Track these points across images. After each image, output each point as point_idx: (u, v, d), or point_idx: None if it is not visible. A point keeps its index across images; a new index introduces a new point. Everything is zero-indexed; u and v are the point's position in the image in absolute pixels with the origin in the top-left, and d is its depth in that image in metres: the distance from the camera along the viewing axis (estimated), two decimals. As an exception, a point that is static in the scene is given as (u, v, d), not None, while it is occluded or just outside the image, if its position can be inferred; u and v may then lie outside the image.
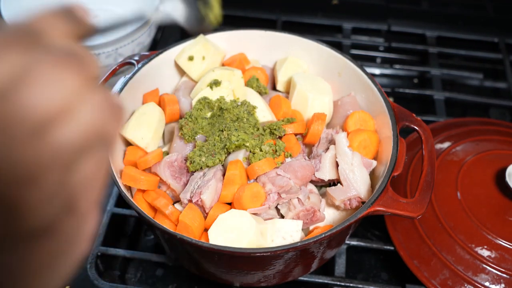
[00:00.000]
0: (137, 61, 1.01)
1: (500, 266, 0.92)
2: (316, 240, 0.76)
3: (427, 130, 0.94)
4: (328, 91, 1.03)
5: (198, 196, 0.85)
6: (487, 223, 0.96)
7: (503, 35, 1.53)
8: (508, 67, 1.45)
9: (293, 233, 0.84)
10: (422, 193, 0.84)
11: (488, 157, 1.06)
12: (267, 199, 0.86)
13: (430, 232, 0.97)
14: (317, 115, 0.98)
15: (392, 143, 0.89)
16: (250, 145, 0.90)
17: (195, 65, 1.05)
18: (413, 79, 1.52)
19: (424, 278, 0.94)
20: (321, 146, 0.98)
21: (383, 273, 1.07)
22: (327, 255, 0.93)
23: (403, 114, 0.96)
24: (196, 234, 0.84)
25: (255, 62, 1.14)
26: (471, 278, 0.92)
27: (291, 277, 0.94)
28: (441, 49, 1.49)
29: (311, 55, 1.10)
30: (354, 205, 0.89)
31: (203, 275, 0.95)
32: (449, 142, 1.12)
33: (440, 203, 1.00)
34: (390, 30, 1.56)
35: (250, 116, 0.95)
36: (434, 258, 0.95)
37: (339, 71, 1.06)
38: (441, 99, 1.34)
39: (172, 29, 1.56)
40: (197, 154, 0.90)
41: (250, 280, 0.90)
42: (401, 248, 0.99)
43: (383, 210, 0.81)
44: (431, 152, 0.90)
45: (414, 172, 1.07)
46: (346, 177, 0.89)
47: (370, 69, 1.50)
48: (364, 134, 0.96)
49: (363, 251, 1.10)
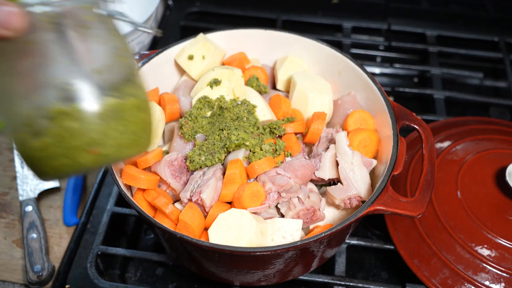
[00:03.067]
0: (137, 60, 1.01)
1: (500, 265, 0.92)
2: (316, 239, 0.76)
3: (427, 129, 0.94)
4: (328, 90, 1.03)
5: (198, 195, 0.85)
6: (487, 222, 0.96)
7: (503, 34, 1.53)
8: (508, 66, 1.44)
9: (293, 232, 0.84)
10: (422, 192, 0.84)
11: (488, 156, 1.06)
12: (267, 198, 0.86)
13: (430, 231, 0.97)
14: (317, 114, 0.98)
15: (392, 142, 0.89)
16: (250, 144, 0.90)
17: (195, 64, 1.05)
18: (413, 78, 1.52)
19: (424, 277, 0.94)
20: (321, 145, 0.98)
21: (383, 272, 1.07)
22: (327, 254, 0.93)
23: (403, 113, 0.96)
24: (196, 233, 0.84)
25: (255, 61, 1.14)
26: (471, 277, 0.92)
27: (291, 276, 0.94)
28: (441, 48, 1.49)
29: (311, 54, 1.10)
30: (354, 204, 0.89)
31: (203, 274, 0.95)
32: (449, 141, 1.12)
33: (440, 202, 1.00)
34: (390, 29, 1.56)
35: (250, 115, 0.95)
36: (434, 257, 0.95)
37: (339, 70, 1.06)
38: (441, 98, 1.34)
39: (172, 28, 1.56)
40: (197, 153, 0.90)
41: (250, 279, 0.90)
42: (401, 247, 0.99)
43: (383, 209, 0.81)
44: (431, 151, 0.90)
45: (414, 171, 1.07)
46: (346, 176, 0.89)
47: (370, 68, 1.50)
48: (364, 133, 0.96)
49: (363, 250, 1.10)
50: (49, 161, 0.55)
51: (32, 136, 0.53)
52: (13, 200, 1.17)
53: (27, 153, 0.55)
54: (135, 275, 1.06)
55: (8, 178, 1.21)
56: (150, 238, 1.12)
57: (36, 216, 1.09)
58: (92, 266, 0.98)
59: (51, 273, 1.00)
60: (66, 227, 1.11)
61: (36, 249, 1.03)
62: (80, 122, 0.53)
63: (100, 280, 0.96)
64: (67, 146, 0.54)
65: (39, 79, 0.52)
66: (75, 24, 0.54)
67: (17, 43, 0.52)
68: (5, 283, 1.03)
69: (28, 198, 1.12)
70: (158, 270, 1.06)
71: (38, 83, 0.53)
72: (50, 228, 1.11)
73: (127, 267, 1.07)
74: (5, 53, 0.53)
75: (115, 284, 0.96)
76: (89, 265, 0.99)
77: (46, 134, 0.53)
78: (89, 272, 0.98)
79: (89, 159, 0.55)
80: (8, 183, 1.20)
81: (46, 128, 0.53)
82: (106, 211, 1.07)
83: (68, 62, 0.53)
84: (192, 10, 1.62)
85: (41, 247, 1.04)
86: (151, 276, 1.06)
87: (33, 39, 0.52)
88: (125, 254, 1.01)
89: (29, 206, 1.10)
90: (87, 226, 1.05)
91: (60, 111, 0.53)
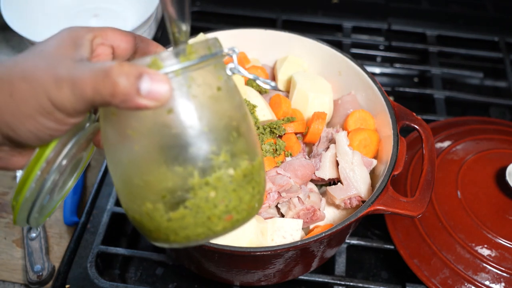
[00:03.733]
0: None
1: (500, 265, 0.92)
2: (316, 239, 0.76)
3: (427, 129, 0.94)
4: (328, 90, 1.03)
5: (198, 195, 0.85)
6: (487, 222, 0.96)
7: (504, 34, 1.53)
8: (508, 66, 1.44)
9: (293, 232, 0.84)
10: (422, 192, 0.84)
11: (488, 156, 1.06)
12: (267, 198, 0.86)
13: (430, 231, 0.97)
14: (317, 114, 0.98)
15: (393, 142, 0.89)
16: (250, 144, 0.90)
17: None
18: (413, 78, 1.52)
19: (424, 277, 0.94)
20: (321, 145, 0.98)
21: (383, 272, 1.07)
22: (327, 254, 0.93)
23: (403, 113, 0.96)
24: (196, 233, 0.84)
25: (255, 61, 1.14)
26: (471, 277, 0.92)
27: (291, 276, 0.94)
28: (441, 48, 1.49)
29: (311, 54, 1.09)
30: (354, 204, 0.89)
31: (203, 274, 0.95)
32: (449, 141, 1.12)
33: (440, 202, 1.00)
34: (391, 29, 1.56)
35: (250, 115, 0.95)
36: (434, 257, 0.95)
37: (340, 70, 1.06)
38: (441, 98, 1.34)
39: (172, 28, 1.56)
40: (197, 153, 0.90)
41: (250, 279, 0.90)
42: (401, 247, 0.99)
43: (383, 209, 0.81)
44: (431, 151, 0.90)
45: (414, 171, 1.07)
46: (346, 176, 0.89)
47: (370, 68, 1.50)
48: (364, 133, 0.96)
49: (363, 250, 1.10)
50: (183, 231, 0.52)
51: (167, 208, 0.51)
52: (13, 200, 1.17)
53: (156, 225, 0.52)
54: (135, 275, 1.06)
55: (8, 178, 1.21)
56: (150, 238, 1.12)
57: (36, 216, 1.09)
58: (92, 266, 0.98)
59: (51, 273, 1.00)
60: (66, 226, 1.11)
61: (36, 249, 1.03)
62: (219, 191, 0.51)
63: (100, 280, 0.96)
64: (206, 215, 0.51)
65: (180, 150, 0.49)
66: (206, 87, 0.51)
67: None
68: (5, 283, 1.03)
69: (28, 198, 1.12)
70: (158, 270, 1.06)
71: (179, 155, 0.49)
72: (50, 228, 1.11)
73: (127, 267, 1.07)
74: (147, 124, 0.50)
75: (115, 284, 0.96)
76: (89, 265, 0.99)
77: (184, 205, 0.50)
78: (89, 272, 0.97)
79: (223, 226, 0.53)
80: (8, 183, 1.20)
81: (185, 199, 0.50)
82: (106, 211, 1.07)
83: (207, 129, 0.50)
84: (192, 10, 1.62)
85: (41, 247, 1.04)
86: (151, 276, 1.06)
87: (171, 107, 0.48)
88: (125, 254, 1.01)
89: (29, 206, 1.10)
90: (87, 226, 1.05)
91: (202, 182, 0.50)
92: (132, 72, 0.45)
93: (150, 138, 0.50)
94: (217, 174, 0.51)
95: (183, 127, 0.49)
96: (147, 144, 0.50)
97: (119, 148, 0.52)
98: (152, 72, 0.46)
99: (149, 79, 0.45)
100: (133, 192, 0.52)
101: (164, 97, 0.46)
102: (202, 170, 0.50)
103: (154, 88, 0.45)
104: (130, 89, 0.45)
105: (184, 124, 0.49)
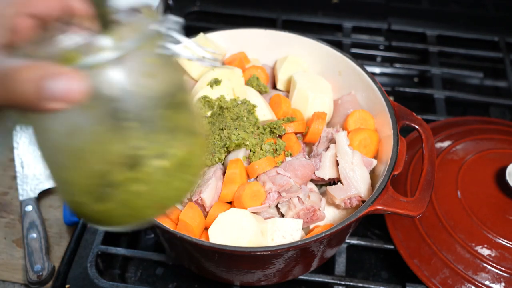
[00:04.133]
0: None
1: (500, 265, 0.92)
2: (316, 239, 0.76)
3: (427, 129, 0.94)
4: (328, 90, 1.03)
5: (198, 194, 0.85)
6: (487, 222, 0.96)
7: (504, 34, 1.53)
8: (508, 66, 1.44)
9: (293, 232, 0.84)
10: (422, 192, 0.84)
11: (488, 156, 1.06)
12: (267, 198, 0.86)
13: (430, 231, 0.97)
14: (317, 114, 0.98)
15: (393, 142, 0.89)
16: (250, 144, 0.90)
17: (195, 64, 1.05)
18: (413, 78, 1.52)
19: (424, 277, 0.94)
20: (321, 145, 0.98)
21: (383, 272, 1.07)
22: (327, 254, 0.93)
23: (403, 113, 0.96)
24: (196, 233, 0.84)
25: (255, 61, 1.14)
26: (471, 277, 0.92)
27: (291, 276, 0.94)
28: (441, 48, 1.49)
29: (311, 54, 1.09)
30: (354, 204, 0.89)
31: (203, 274, 0.95)
32: (449, 141, 1.12)
33: (440, 202, 1.00)
34: (391, 29, 1.56)
35: (250, 115, 0.95)
36: (434, 257, 0.95)
37: (340, 70, 1.06)
38: (441, 98, 1.34)
39: (172, 28, 1.56)
40: (197, 153, 0.90)
41: (250, 279, 0.90)
42: (401, 247, 0.99)
43: (383, 209, 0.81)
44: (431, 151, 0.90)
45: (414, 171, 1.07)
46: (346, 176, 0.89)
47: (371, 68, 1.50)
48: (364, 133, 0.96)
49: (363, 250, 1.10)
50: (113, 220, 0.50)
51: (94, 202, 0.48)
52: (13, 200, 1.17)
53: (87, 215, 0.50)
54: (135, 274, 1.06)
55: (8, 178, 1.21)
56: (150, 238, 1.12)
57: (36, 215, 1.09)
58: (92, 265, 0.98)
59: (51, 273, 1.00)
60: (66, 226, 1.11)
61: (36, 249, 1.03)
62: (149, 184, 0.47)
63: (100, 280, 0.96)
64: (134, 207, 0.49)
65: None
66: (139, 73, 0.45)
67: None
68: (5, 282, 1.03)
69: (28, 198, 1.12)
70: (158, 269, 1.06)
71: (103, 150, 0.46)
72: (50, 227, 1.11)
73: (127, 267, 1.07)
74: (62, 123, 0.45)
75: (115, 284, 0.96)
76: (89, 264, 0.99)
77: (110, 200, 0.47)
78: (89, 272, 0.97)
79: (154, 213, 0.51)
80: (8, 182, 1.20)
81: (110, 195, 0.47)
82: (106, 211, 1.07)
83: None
84: (192, 10, 1.62)
85: (41, 247, 1.04)
86: (151, 276, 1.06)
87: (92, 104, 0.43)
88: (125, 254, 1.01)
89: (29, 206, 1.10)
90: (87, 226, 1.05)
91: (127, 178, 0.46)
92: (34, 76, 0.40)
93: (63, 137, 0.46)
94: (145, 169, 0.46)
95: (99, 122, 0.45)
96: (65, 142, 0.46)
97: (41, 140, 0.48)
98: (58, 72, 0.40)
99: (55, 80, 0.40)
100: (61, 190, 0.51)
101: (77, 97, 0.41)
102: (128, 166, 0.46)
103: (61, 89, 0.40)
104: (32, 95, 0.40)
105: (97, 119, 0.45)
